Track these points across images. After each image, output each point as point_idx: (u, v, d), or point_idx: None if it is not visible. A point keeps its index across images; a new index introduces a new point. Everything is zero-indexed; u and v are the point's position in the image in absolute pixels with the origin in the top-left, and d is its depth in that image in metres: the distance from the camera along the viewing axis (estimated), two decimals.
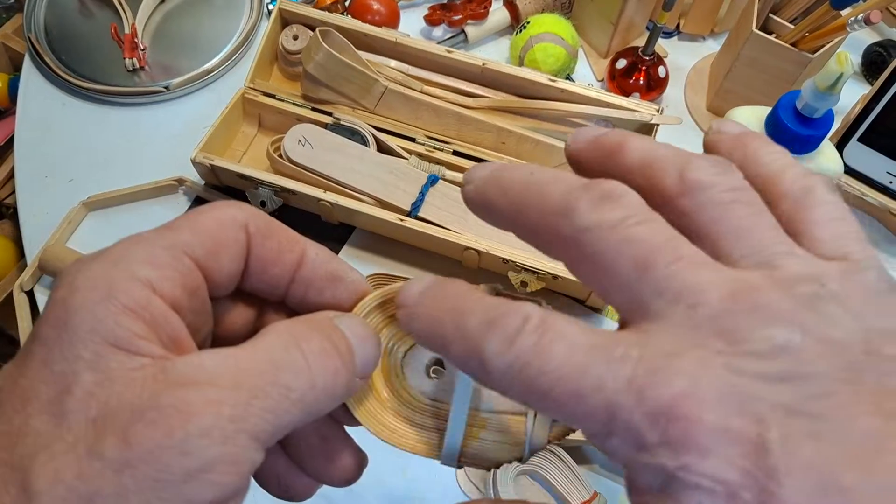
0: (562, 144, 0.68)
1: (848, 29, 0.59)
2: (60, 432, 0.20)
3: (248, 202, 0.66)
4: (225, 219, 0.24)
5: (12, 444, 0.20)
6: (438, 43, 0.75)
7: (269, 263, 0.25)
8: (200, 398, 0.20)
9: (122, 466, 0.19)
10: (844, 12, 0.62)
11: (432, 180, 0.65)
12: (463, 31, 0.78)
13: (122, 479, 0.19)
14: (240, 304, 0.27)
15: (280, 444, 0.26)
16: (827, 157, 0.54)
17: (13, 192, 0.80)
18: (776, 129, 0.53)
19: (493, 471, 0.54)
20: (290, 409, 0.21)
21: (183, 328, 0.22)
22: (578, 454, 0.58)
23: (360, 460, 0.27)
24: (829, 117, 0.52)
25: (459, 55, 0.69)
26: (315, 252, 0.26)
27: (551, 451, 0.55)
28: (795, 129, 0.52)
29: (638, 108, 0.67)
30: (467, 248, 0.62)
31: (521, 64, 0.74)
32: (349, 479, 0.27)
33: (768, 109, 0.55)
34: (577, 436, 0.55)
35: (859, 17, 0.57)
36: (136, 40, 0.75)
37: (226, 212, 0.24)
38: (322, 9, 0.74)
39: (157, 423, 0.19)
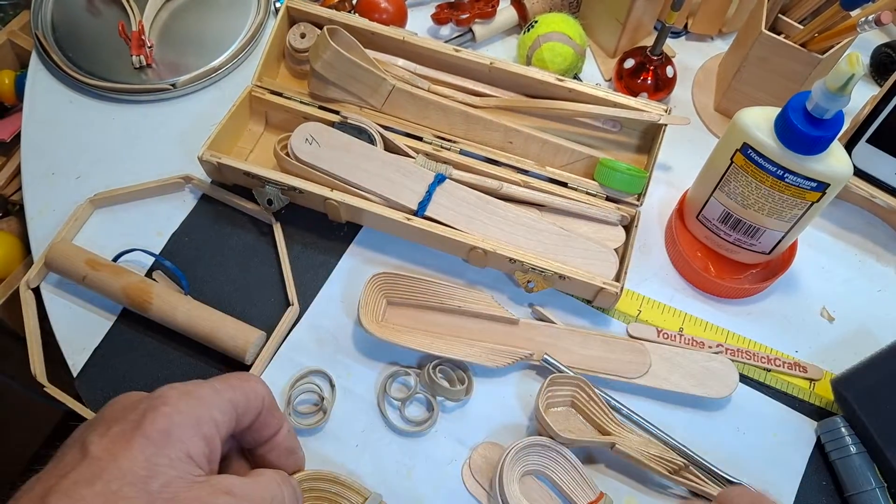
0: (570, 144, 0.68)
1: (858, 30, 0.59)
2: (141, 501, 0.31)
3: (255, 200, 0.65)
4: (258, 391, 0.39)
5: (108, 500, 0.30)
6: (446, 42, 0.75)
7: (263, 427, 0.40)
8: None
9: None
10: (854, 13, 0.62)
11: (439, 179, 0.65)
12: (470, 30, 0.78)
13: None
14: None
15: None
16: (837, 158, 0.54)
17: (20, 188, 0.80)
18: (785, 130, 0.53)
19: (498, 471, 0.54)
20: None
21: (219, 454, 0.35)
22: (584, 455, 0.57)
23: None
24: (839, 119, 0.52)
25: (467, 54, 0.69)
26: (287, 429, 0.42)
27: (557, 451, 0.55)
28: (805, 131, 0.52)
29: (646, 108, 0.66)
30: (474, 248, 0.62)
31: (528, 63, 0.74)
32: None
33: (777, 110, 0.55)
34: (584, 436, 0.55)
35: (870, 17, 0.57)
36: (143, 38, 0.75)
37: (258, 387, 0.39)
38: (330, 7, 0.73)
39: None
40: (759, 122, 0.56)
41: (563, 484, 0.54)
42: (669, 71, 0.73)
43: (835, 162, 0.54)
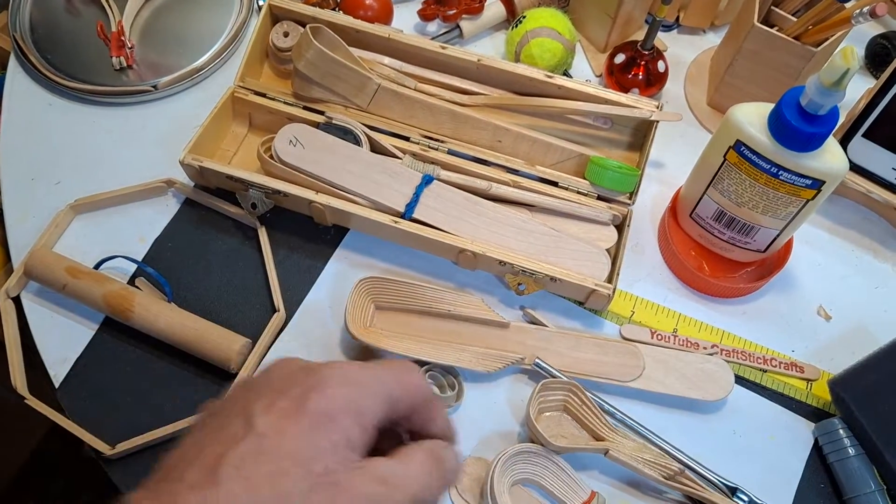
0: (560, 142, 0.67)
1: (853, 22, 0.58)
2: (311, 487, 0.31)
3: (238, 203, 0.64)
4: (416, 388, 0.37)
5: (277, 483, 0.31)
6: (433, 38, 0.74)
7: (420, 421, 0.38)
8: (389, 496, 0.33)
9: None
10: (848, 5, 0.61)
11: (427, 180, 0.63)
12: (458, 27, 0.77)
13: None
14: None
15: None
16: (832, 154, 0.53)
17: None
18: (779, 126, 0.52)
19: (488, 483, 0.52)
20: None
21: (373, 441, 0.35)
22: (578, 460, 0.56)
23: None
24: (834, 114, 0.51)
25: (454, 51, 0.67)
26: (443, 422, 0.39)
27: (546, 457, 0.53)
28: (799, 127, 0.50)
29: (637, 104, 0.65)
30: (463, 250, 0.61)
31: (517, 59, 0.72)
32: None
33: (771, 106, 0.53)
34: (577, 441, 0.54)
35: (864, 9, 0.56)
36: (122, 38, 0.74)
37: (418, 383, 0.37)
38: (313, 4, 0.72)
39: (366, 502, 0.32)
40: (752, 118, 0.54)
41: (555, 489, 0.53)
42: (661, 66, 0.72)
43: (830, 158, 0.53)
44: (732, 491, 0.55)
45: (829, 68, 0.47)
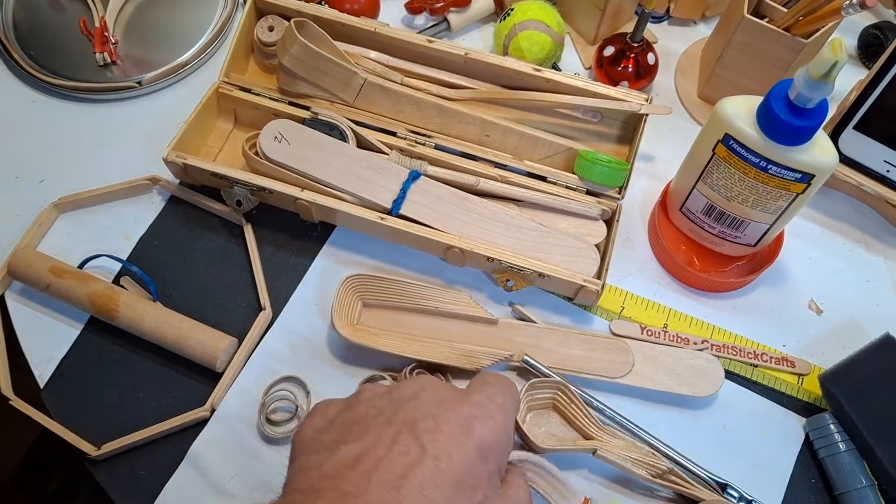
0: (548, 136, 0.66)
1: (842, 13, 0.57)
2: None
3: (224, 201, 0.63)
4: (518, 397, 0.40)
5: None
6: (420, 32, 0.73)
7: None
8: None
9: None
10: None
11: (414, 176, 0.63)
12: (445, 19, 0.76)
13: None
14: None
15: None
16: (822, 148, 0.52)
17: None
18: (768, 120, 0.51)
19: None
20: None
21: None
22: (564, 458, 0.56)
23: None
24: (823, 107, 0.50)
25: (441, 45, 0.66)
26: None
27: (535, 465, 0.52)
28: (788, 121, 0.50)
29: (626, 97, 0.64)
30: (450, 247, 0.60)
31: (505, 53, 0.71)
32: None
33: (759, 99, 0.52)
34: (565, 440, 0.54)
35: (854, 0, 0.55)
36: (106, 34, 0.73)
37: (517, 392, 0.40)
38: None
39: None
40: (740, 111, 0.54)
41: (546, 495, 0.53)
42: (651, 58, 0.71)
43: (819, 152, 0.52)
44: (723, 487, 0.55)
45: (817, 61, 0.46)
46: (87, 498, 1.14)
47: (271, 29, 0.68)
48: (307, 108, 0.66)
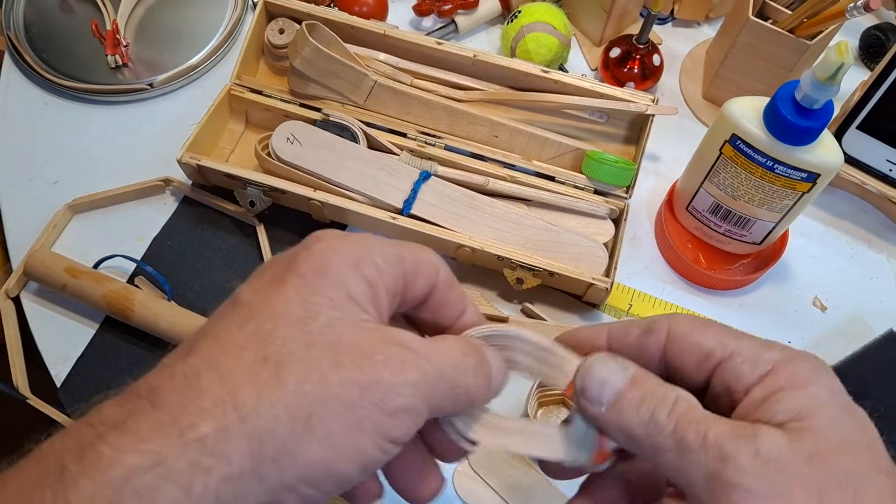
0: (556, 137, 0.67)
1: (847, 15, 0.58)
2: (307, 346, 0.26)
3: (237, 202, 0.64)
4: (429, 258, 0.31)
5: (264, 342, 0.26)
6: (428, 34, 0.74)
7: (441, 305, 0.32)
8: (413, 360, 0.27)
9: (354, 385, 0.26)
10: None
11: (424, 176, 0.63)
12: (453, 21, 0.77)
13: (351, 394, 0.25)
14: (399, 320, 0.34)
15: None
16: (827, 148, 0.53)
17: None
18: (774, 120, 0.52)
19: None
20: (451, 398, 0.29)
21: (388, 312, 0.29)
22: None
23: (442, 483, 0.33)
24: (828, 108, 0.51)
25: (450, 47, 0.67)
26: (474, 309, 0.34)
27: (513, 338, 0.34)
28: (794, 121, 0.51)
29: (633, 98, 0.65)
30: (461, 246, 0.61)
31: (512, 54, 0.72)
32: (433, 496, 0.33)
33: (766, 100, 0.54)
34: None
35: (859, 2, 0.56)
36: (118, 36, 0.73)
37: (430, 255, 0.31)
38: (308, 1, 0.72)
39: (384, 364, 0.26)
40: (747, 112, 0.55)
41: (533, 373, 0.36)
42: (656, 59, 0.72)
43: (825, 152, 0.53)
44: None
45: (823, 63, 0.47)
46: None
47: (282, 32, 0.69)
48: (318, 110, 0.67)
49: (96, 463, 0.23)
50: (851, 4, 0.57)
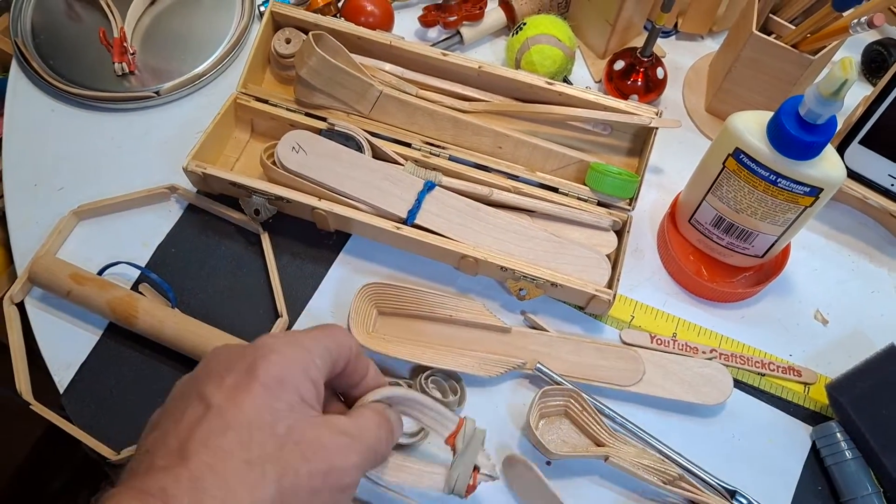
0: (560, 148, 0.67)
1: (851, 31, 0.58)
2: (278, 447, 0.34)
3: (242, 210, 0.64)
4: (345, 341, 0.41)
5: (246, 449, 0.33)
6: (433, 45, 0.74)
7: (353, 372, 0.42)
8: (353, 445, 0.37)
9: (317, 474, 0.34)
10: (846, 13, 0.61)
11: (429, 187, 0.64)
12: (458, 33, 0.77)
13: (315, 482, 0.34)
14: None
15: None
16: (830, 163, 0.53)
17: (1, 195, 0.79)
18: (778, 135, 0.52)
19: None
20: (373, 462, 0.39)
21: (324, 395, 0.38)
22: (575, 464, 0.57)
23: None
24: (832, 123, 0.51)
25: (455, 58, 0.68)
26: (374, 371, 0.44)
27: (407, 400, 0.45)
28: (798, 136, 0.51)
29: (636, 111, 0.66)
30: (465, 256, 0.61)
31: (517, 66, 0.73)
32: None
33: (769, 114, 0.54)
34: (578, 447, 0.55)
35: (862, 19, 0.56)
36: (125, 44, 0.74)
37: (345, 337, 0.41)
38: (315, 11, 0.72)
39: (336, 453, 0.36)
40: (751, 126, 0.55)
41: (427, 427, 0.47)
42: (660, 72, 0.73)
43: (828, 167, 0.54)
44: (731, 494, 0.56)
45: (827, 79, 0.47)
46: (91, 496, 1.15)
47: (288, 41, 0.70)
48: (324, 120, 0.67)
49: None
50: (855, 21, 0.57)
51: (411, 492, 0.50)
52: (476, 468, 0.46)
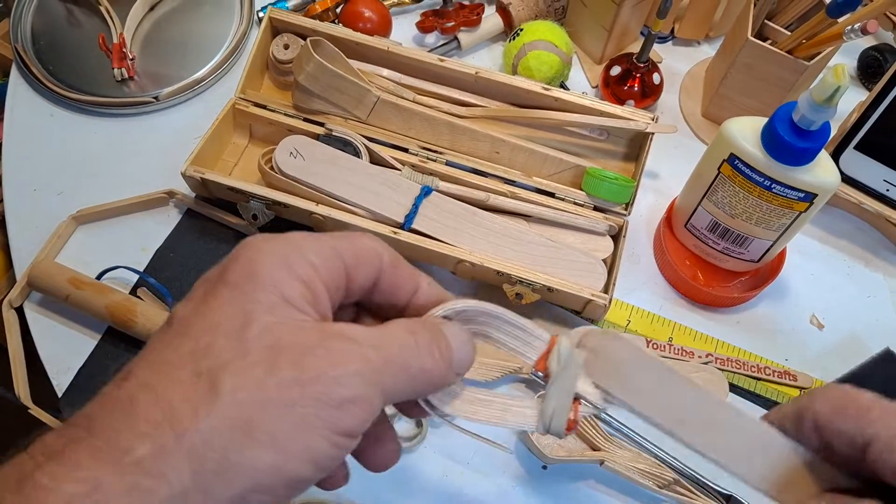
0: (556, 153, 0.67)
1: (844, 38, 0.59)
2: (242, 354, 0.25)
3: (240, 215, 0.65)
4: (369, 245, 0.31)
5: (199, 358, 0.25)
6: (431, 50, 0.75)
7: (394, 288, 0.32)
8: (355, 350, 0.27)
9: (293, 384, 0.25)
10: (841, 20, 0.62)
11: (426, 192, 0.64)
12: (456, 38, 0.77)
13: (291, 393, 0.25)
14: (349, 310, 0.34)
15: None
16: (824, 169, 0.54)
17: (1, 200, 0.79)
18: (772, 141, 0.53)
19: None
20: (405, 380, 0.28)
21: (329, 308, 0.29)
22: (571, 469, 0.57)
23: (399, 449, 0.34)
24: (825, 129, 0.51)
25: (452, 63, 0.68)
26: (427, 283, 0.33)
27: (483, 314, 0.34)
28: (792, 142, 0.51)
29: (633, 116, 0.66)
30: (461, 261, 0.61)
31: (514, 71, 0.73)
32: (389, 464, 0.34)
33: (764, 120, 0.54)
34: (573, 450, 0.55)
35: (856, 26, 0.57)
36: (124, 50, 0.74)
37: (370, 241, 0.31)
38: (313, 17, 0.73)
39: (324, 358, 0.26)
40: (745, 132, 0.55)
41: (505, 346, 0.37)
42: (656, 78, 0.73)
43: (822, 172, 0.54)
44: (727, 498, 0.56)
45: (820, 85, 0.48)
46: None
47: (286, 47, 0.70)
48: (321, 125, 0.67)
49: (33, 493, 0.23)
50: (849, 27, 0.58)
51: (496, 435, 0.41)
52: (577, 398, 0.34)
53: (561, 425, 0.33)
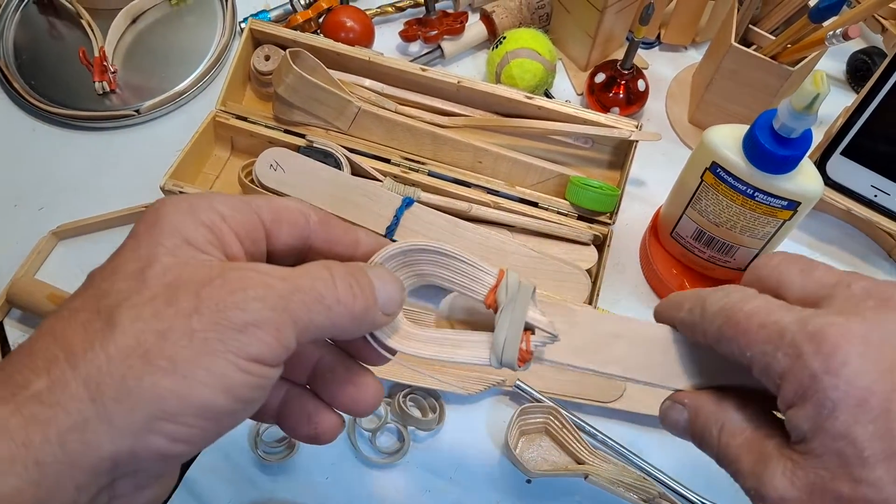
0: (540, 162, 0.67)
1: (826, 43, 0.58)
2: (140, 290, 0.26)
3: None
4: (291, 205, 0.31)
5: (99, 299, 0.26)
6: (414, 60, 0.74)
7: (332, 244, 0.32)
8: (256, 278, 0.27)
9: (192, 312, 0.25)
10: (826, 24, 0.61)
11: (407, 203, 0.63)
12: (439, 47, 0.77)
13: (190, 321, 0.25)
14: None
15: (310, 384, 0.34)
16: (807, 176, 0.53)
17: None
18: (753, 149, 0.52)
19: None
20: (321, 311, 0.28)
21: (242, 254, 0.29)
22: (555, 483, 0.56)
23: (380, 387, 0.33)
24: (807, 137, 0.51)
25: (434, 73, 0.67)
26: (364, 233, 0.33)
27: (423, 251, 0.34)
28: (773, 150, 0.50)
29: (617, 124, 0.65)
30: None
31: (497, 80, 0.73)
32: (372, 404, 0.33)
33: (745, 128, 0.53)
34: (558, 464, 0.54)
35: (838, 31, 0.56)
36: (105, 63, 0.74)
37: (293, 202, 0.32)
38: (294, 27, 0.72)
39: (222, 286, 0.26)
40: (727, 140, 0.54)
41: (452, 284, 0.35)
42: (641, 84, 0.72)
43: (804, 180, 0.53)
44: None
45: (800, 93, 0.47)
46: None
47: (267, 58, 0.70)
48: (303, 136, 0.67)
49: None
50: (831, 33, 0.57)
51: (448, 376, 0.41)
52: (529, 329, 0.33)
53: (513, 356, 0.33)
